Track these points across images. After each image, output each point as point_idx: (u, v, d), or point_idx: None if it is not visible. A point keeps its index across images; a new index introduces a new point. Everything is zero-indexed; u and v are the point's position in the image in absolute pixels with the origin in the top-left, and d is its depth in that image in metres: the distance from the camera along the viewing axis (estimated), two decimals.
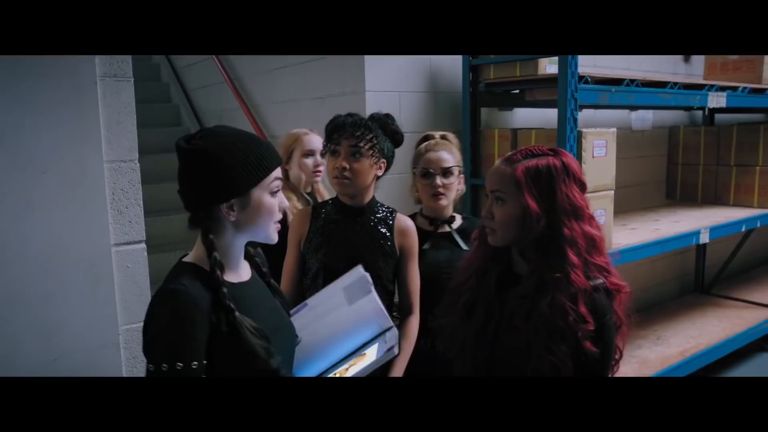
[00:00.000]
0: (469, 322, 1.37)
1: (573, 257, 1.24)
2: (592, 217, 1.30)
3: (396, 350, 1.35)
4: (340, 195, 1.82)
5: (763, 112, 4.80)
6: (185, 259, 1.22)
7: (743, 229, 3.67)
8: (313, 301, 1.49)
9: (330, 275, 1.75)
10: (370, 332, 1.39)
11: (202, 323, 1.10)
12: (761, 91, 3.65)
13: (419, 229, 1.92)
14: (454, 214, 2.06)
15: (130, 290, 1.74)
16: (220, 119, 4.44)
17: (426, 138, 2.08)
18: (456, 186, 2.01)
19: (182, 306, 1.10)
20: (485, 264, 1.39)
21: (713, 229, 3.33)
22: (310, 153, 2.42)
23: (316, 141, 2.41)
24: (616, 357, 1.31)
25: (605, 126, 2.78)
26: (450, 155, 1.98)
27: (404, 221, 1.84)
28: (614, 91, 2.76)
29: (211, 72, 4.31)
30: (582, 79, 2.56)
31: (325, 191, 2.54)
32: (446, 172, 1.96)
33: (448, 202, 2.00)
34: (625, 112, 4.16)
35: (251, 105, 3.91)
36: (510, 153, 1.35)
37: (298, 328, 1.40)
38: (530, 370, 1.24)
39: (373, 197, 1.84)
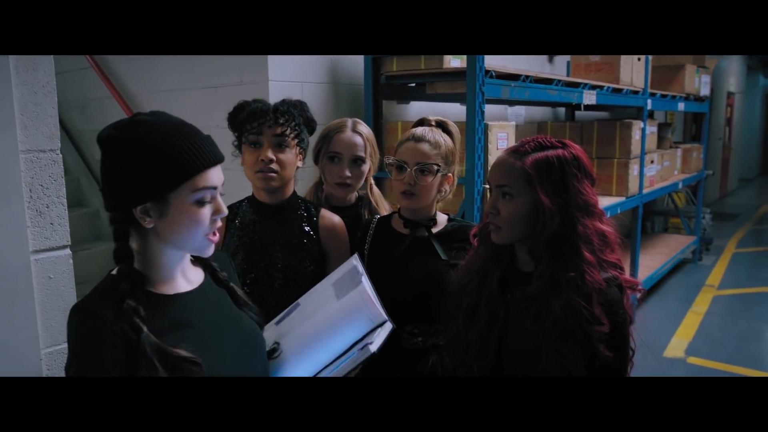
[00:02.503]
0: (471, 326, 1.30)
1: (588, 255, 1.18)
2: (602, 213, 1.25)
3: (372, 347, 1.14)
4: (259, 191, 1.64)
5: (609, 110, 5.40)
6: (113, 271, 1.05)
7: (608, 216, 4.07)
8: (304, 300, 1.34)
9: (250, 283, 1.60)
10: (359, 329, 1.18)
11: (114, 344, 0.95)
12: (619, 90, 4.09)
13: (394, 233, 1.69)
14: (436, 217, 1.69)
15: (53, 306, 1.44)
16: (83, 110, 3.95)
17: (421, 122, 1.71)
18: (435, 185, 1.62)
19: (86, 325, 0.97)
20: (486, 264, 1.32)
21: None
22: (335, 155, 1.83)
23: (347, 140, 1.83)
24: (630, 356, 1.24)
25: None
26: (432, 149, 1.60)
27: (330, 218, 1.68)
28: (514, 86, 2.90)
29: (70, 55, 3.79)
30: (487, 73, 2.66)
31: (384, 203, 2.01)
32: (424, 168, 1.58)
33: (423, 203, 1.63)
34: (502, 107, 4.41)
35: (125, 94, 3.52)
36: (516, 144, 1.27)
37: (288, 332, 1.26)
38: (539, 373, 1.17)
39: (294, 192, 1.66)
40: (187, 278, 1.12)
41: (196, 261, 1.17)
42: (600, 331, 1.15)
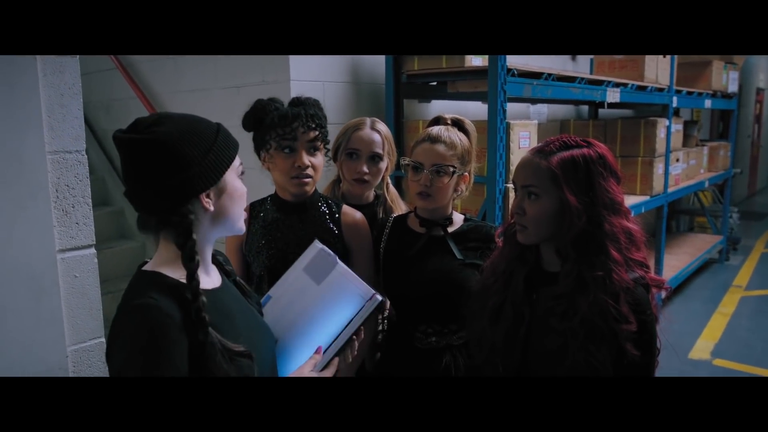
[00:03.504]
0: (497, 326, 1.30)
1: (615, 254, 1.18)
2: (628, 211, 1.24)
3: (380, 297, 1.24)
4: (284, 191, 1.64)
5: (633, 108, 5.32)
6: (145, 268, 1.06)
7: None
8: (275, 291, 1.34)
9: (275, 280, 1.61)
10: (352, 306, 1.25)
11: (181, 341, 0.96)
12: (644, 88, 4.02)
13: (410, 232, 1.69)
14: (452, 216, 1.68)
15: (79, 304, 1.47)
16: (109, 110, 4.01)
17: (437, 121, 1.68)
18: (451, 185, 1.60)
19: (156, 322, 0.94)
20: (512, 264, 1.32)
21: None
22: (353, 152, 1.85)
23: (366, 137, 1.86)
24: (656, 354, 1.24)
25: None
26: (448, 150, 1.57)
27: (352, 214, 1.69)
28: (536, 84, 2.87)
29: (95, 57, 3.85)
30: (509, 72, 2.63)
31: (400, 203, 2.01)
32: (440, 169, 1.56)
33: (439, 204, 1.62)
34: (524, 106, 4.37)
35: (149, 95, 3.56)
36: (541, 144, 1.27)
37: (275, 324, 1.27)
38: (565, 372, 1.17)
39: (315, 190, 1.67)
40: (214, 273, 1.15)
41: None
42: (627, 330, 1.15)
